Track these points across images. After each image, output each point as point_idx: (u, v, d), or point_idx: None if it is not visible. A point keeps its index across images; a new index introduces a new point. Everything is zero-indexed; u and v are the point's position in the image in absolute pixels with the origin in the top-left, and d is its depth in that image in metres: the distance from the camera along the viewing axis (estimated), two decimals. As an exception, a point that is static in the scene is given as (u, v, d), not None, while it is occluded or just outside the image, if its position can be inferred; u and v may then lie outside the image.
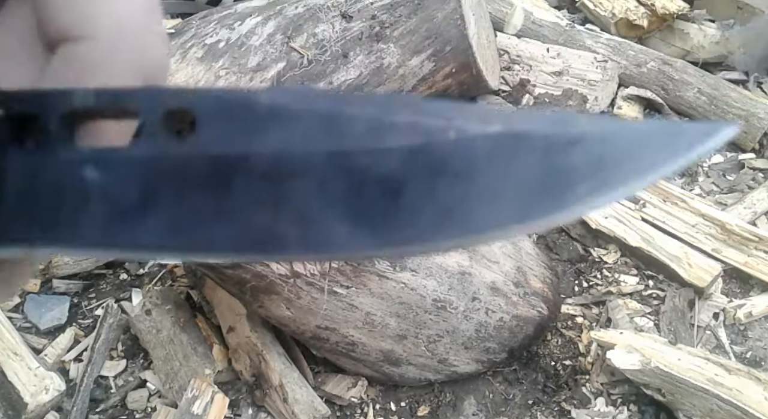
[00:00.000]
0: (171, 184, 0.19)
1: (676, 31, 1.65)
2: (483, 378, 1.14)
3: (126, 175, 0.19)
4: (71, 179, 0.19)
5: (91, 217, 0.19)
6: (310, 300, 0.91)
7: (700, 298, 1.21)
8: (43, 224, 0.19)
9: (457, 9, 1.33)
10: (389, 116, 0.18)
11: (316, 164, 0.18)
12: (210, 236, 0.18)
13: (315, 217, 0.18)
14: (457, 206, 0.17)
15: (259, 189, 0.18)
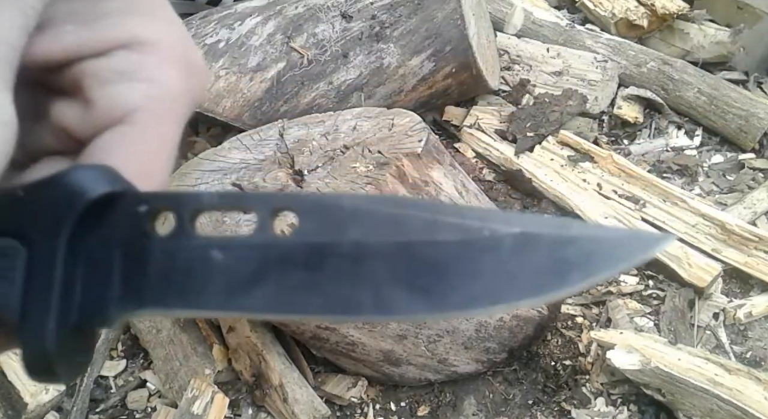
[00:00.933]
0: (278, 263, 0.25)
1: (676, 31, 1.65)
2: (483, 378, 1.14)
3: (244, 256, 0.25)
4: (201, 258, 0.25)
5: (215, 287, 0.24)
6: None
7: (700, 298, 1.21)
8: (179, 292, 0.25)
9: (457, 9, 1.33)
10: (440, 217, 0.25)
11: (385, 251, 0.24)
12: (306, 303, 0.24)
13: (384, 289, 0.24)
14: (489, 284, 0.24)
15: (344, 269, 0.24)
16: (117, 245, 0.25)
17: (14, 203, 0.25)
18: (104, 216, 0.25)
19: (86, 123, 0.30)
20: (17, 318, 0.24)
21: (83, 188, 0.24)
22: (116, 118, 0.29)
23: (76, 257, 0.24)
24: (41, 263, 0.24)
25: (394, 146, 0.90)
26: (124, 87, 0.29)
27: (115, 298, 0.25)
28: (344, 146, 0.94)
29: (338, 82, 1.29)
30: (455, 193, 0.96)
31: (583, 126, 1.49)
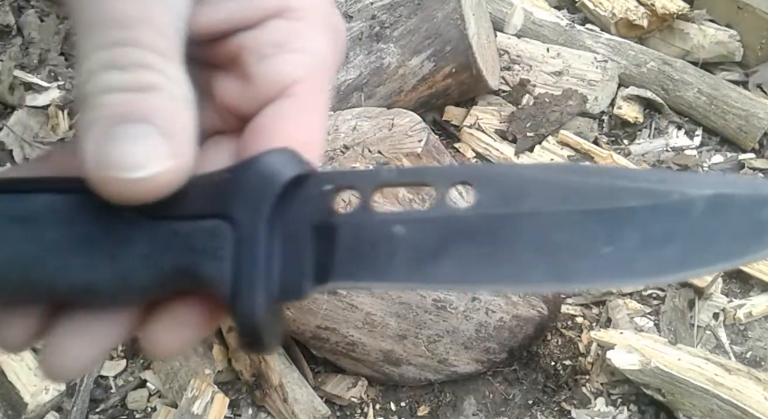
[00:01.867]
0: (459, 235, 0.25)
1: (676, 31, 1.65)
2: (483, 378, 1.14)
3: (425, 230, 0.26)
4: (384, 233, 0.26)
5: (400, 260, 0.26)
6: (310, 300, 0.91)
7: (700, 298, 1.21)
8: (366, 266, 0.26)
9: (457, 9, 1.33)
10: (622, 183, 0.24)
11: (567, 219, 0.25)
12: (487, 273, 0.25)
13: (567, 258, 0.24)
14: (682, 249, 0.24)
15: (524, 239, 0.25)
16: (307, 223, 0.27)
17: (216, 187, 0.26)
18: (293, 196, 0.26)
19: (247, 99, 0.30)
20: (229, 293, 0.26)
21: (277, 171, 0.26)
22: (277, 91, 0.29)
23: (273, 234, 0.26)
24: (247, 242, 0.25)
25: (394, 146, 0.90)
26: (282, 60, 0.29)
27: (309, 272, 0.26)
28: (344, 146, 0.94)
29: (338, 82, 1.29)
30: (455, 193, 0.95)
31: (583, 126, 1.49)
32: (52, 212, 0.26)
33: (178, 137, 0.26)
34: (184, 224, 0.26)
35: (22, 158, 1.51)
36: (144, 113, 0.26)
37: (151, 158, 0.25)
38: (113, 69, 0.26)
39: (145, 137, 0.25)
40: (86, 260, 0.26)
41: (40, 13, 1.81)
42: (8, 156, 1.52)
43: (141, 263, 0.26)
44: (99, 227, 0.26)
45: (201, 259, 0.26)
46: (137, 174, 0.25)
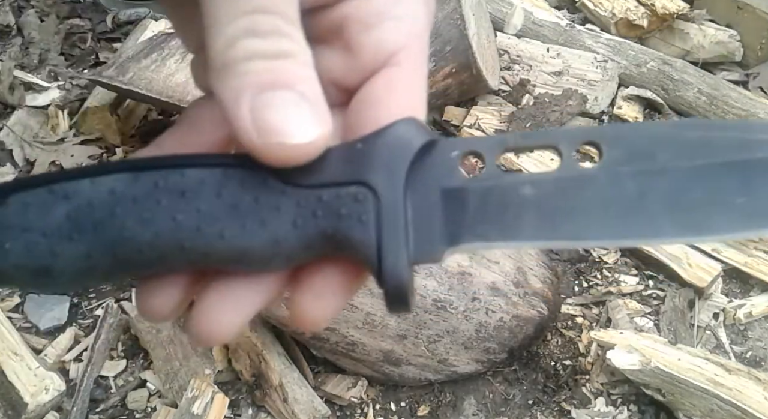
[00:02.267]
0: (587, 194, 0.26)
1: (676, 31, 1.65)
2: (483, 378, 1.14)
3: (553, 190, 0.27)
4: (513, 194, 0.27)
5: (529, 220, 0.27)
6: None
7: (700, 298, 1.21)
8: (496, 226, 0.28)
9: (457, 9, 1.33)
10: (753, 136, 0.25)
11: (699, 174, 0.25)
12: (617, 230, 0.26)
13: (700, 211, 0.25)
14: None
15: (655, 194, 0.26)
16: (437, 187, 0.28)
17: (354, 155, 0.28)
18: (424, 162, 0.28)
19: (352, 71, 0.31)
20: (375, 255, 0.27)
21: (409, 139, 0.28)
22: (382, 61, 0.30)
23: (408, 199, 0.27)
24: (387, 206, 0.27)
25: (394, 146, 0.90)
26: (386, 28, 0.30)
27: (442, 235, 0.28)
28: (344, 146, 0.94)
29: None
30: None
31: (584, 126, 1.49)
32: (204, 185, 0.28)
33: (319, 103, 0.28)
34: (328, 191, 0.28)
35: (22, 158, 1.51)
36: (287, 80, 0.27)
37: (307, 126, 0.27)
38: (254, 36, 0.27)
39: (295, 104, 0.27)
40: (239, 228, 0.28)
41: (40, 13, 1.81)
42: (8, 156, 1.52)
43: (290, 228, 0.28)
44: (248, 198, 0.28)
45: (347, 223, 0.27)
46: (296, 140, 0.27)
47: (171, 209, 0.28)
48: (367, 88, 0.31)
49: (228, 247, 0.28)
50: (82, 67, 1.71)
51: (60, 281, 0.28)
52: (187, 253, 0.28)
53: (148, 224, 0.27)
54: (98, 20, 1.82)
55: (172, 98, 1.27)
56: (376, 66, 0.30)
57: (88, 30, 1.80)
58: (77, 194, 0.28)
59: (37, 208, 0.27)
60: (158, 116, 1.57)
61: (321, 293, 0.30)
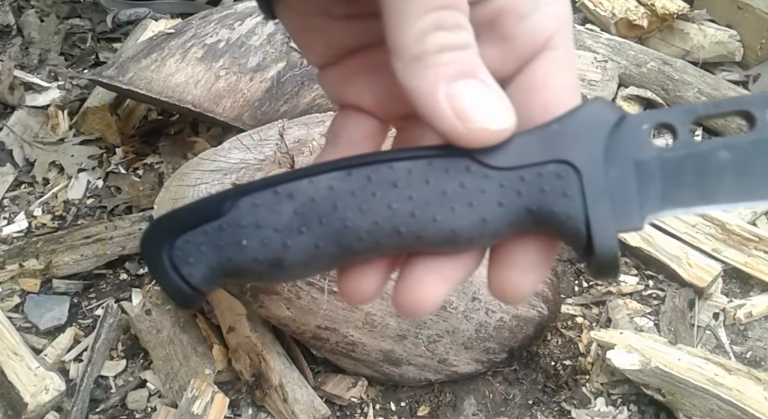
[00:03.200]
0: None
1: (676, 31, 1.65)
2: (483, 378, 1.14)
3: (751, 153, 0.28)
4: (710, 160, 0.29)
5: (728, 183, 0.29)
6: (310, 300, 0.91)
7: (700, 298, 1.21)
8: (694, 191, 0.29)
9: (457, 9, 1.33)
10: None
11: None
12: None
13: None
14: None
15: None
16: (632, 159, 0.30)
17: (551, 135, 0.30)
18: (619, 137, 0.30)
19: (507, 61, 0.33)
20: (582, 228, 0.29)
21: (603, 116, 0.30)
22: (538, 47, 0.32)
23: (606, 172, 0.29)
24: (589, 180, 0.29)
25: (394, 146, 0.90)
26: (540, 15, 0.31)
27: (641, 203, 0.30)
28: (344, 146, 0.94)
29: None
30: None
31: None
32: (413, 175, 0.30)
33: (499, 89, 0.30)
34: (529, 171, 0.30)
35: (22, 158, 1.51)
36: (473, 69, 0.30)
37: (501, 111, 0.29)
38: (442, 30, 0.29)
39: (483, 91, 0.29)
40: (449, 211, 0.30)
41: (40, 13, 1.81)
42: (8, 156, 1.52)
43: (496, 208, 0.30)
44: (455, 183, 0.30)
45: (551, 199, 0.30)
46: (496, 126, 0.29)
47: (386, 199, 0.30)
48: (526, 75, 0.32)
49: (440, 229, 0.30)
50: (82, 67, 1.71)
51: (291, 271, 0.32)
52: (403, 238, 0.31)
53: (366, 213, 0.30)
54: (98, 20, 1.82)
55: (172, 98, 1.27)
56: (532, 53, 0.32)
57: (88, 30, 1.80)
58: (300, 193, 0.31)
59: (267, 208, 0.31)
60: (158, 116, 1.57)
61: (525, 267, 0.32)
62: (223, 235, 0.31)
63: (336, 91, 0.37)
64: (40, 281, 1.30)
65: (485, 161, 0.30)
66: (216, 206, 0.32)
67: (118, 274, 1.32)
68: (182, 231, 0.32)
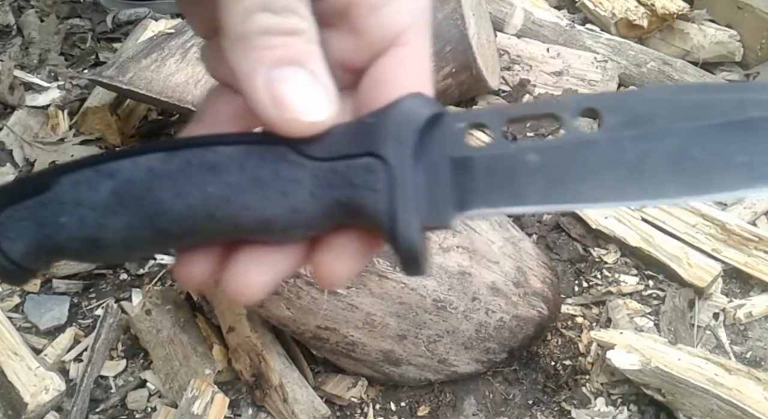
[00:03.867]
0: (590, 159, 0.27)
1: (676, 31, 1.65)
2: (483, 378, 1.14)
3: (558, 156, 0.28)
4: (519, 161, 0.28)
5: (535, 186, 0.28)
6: (310, 300, 0.91)
7: (700, 298, 1.21)
8: (503, 192, 0.29)
9: (457, 9, 1.33)
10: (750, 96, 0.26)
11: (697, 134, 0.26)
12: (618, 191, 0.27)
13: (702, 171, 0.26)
14: None
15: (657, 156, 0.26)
16: (445, 157, 0.30)
17: (364, 129, 0.30)
18: (432, 134, 0.29)
19: (360, 53, 0.32)
20: (387, 220, 0.29)
21: (416, 112, 0.29)
22: (389, 41, 0.32)
23: (417, 168, 0.29)
24: (398, 175, 0.29)
25: (394, 146, 0.90)
26: (391, 9, 0.31)
27: (451, 201, 0.29)
28: (344, 146, 0.94)
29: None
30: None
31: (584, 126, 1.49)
32: (232, 160, 0.30)
33: (326, 80, 0.30)
34: (342, 163, 0.30)
35: (22, 158, 1.51)
36: (299, 57, 0.29)
37: (322, 103, 0.29)
38: (268, 11, 0.28)
39: (306, 81, 0.29)
40: (262, 198, 0.30)
41: (40, 13, 1.81)
42: (8, 156, 1.52)
43: (308, 198, 0.30)
44: (270, 171, 0.30)
45: (360, 192, 0.29)
46: (311, 118, 0.29)
47: (202, 183, 0.30)
48: (376, 68, 0.32)
49: (253, 216, 0.30)
50: (82, 67, 1.71)
51: (110, 251, 0.32)
52: (218, 223, 0.31)
53: (181, 197, 0.30)
54: (98, 20, 1.82)
55: (172, 98, 1.27)
56: (383, 46, 0.32)
57: (88, 30, 1.80)
58: (120, 173, 0.31)
59: (86, 186, 0.31)
60: (158, 115, 1.57)
61: (340, 254, 0.32)
62: (44, 211, 0.31)
63: (210, 65, 0.37)
64: (40, 281, 1.30)
65: (303, 150, 0.30)
66: (41, 182, 0.31)
67: (118, 274, 1.32)
68: (5, 206, 0.31)
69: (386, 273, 0.90)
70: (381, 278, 0.90)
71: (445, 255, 0.94)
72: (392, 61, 0.32)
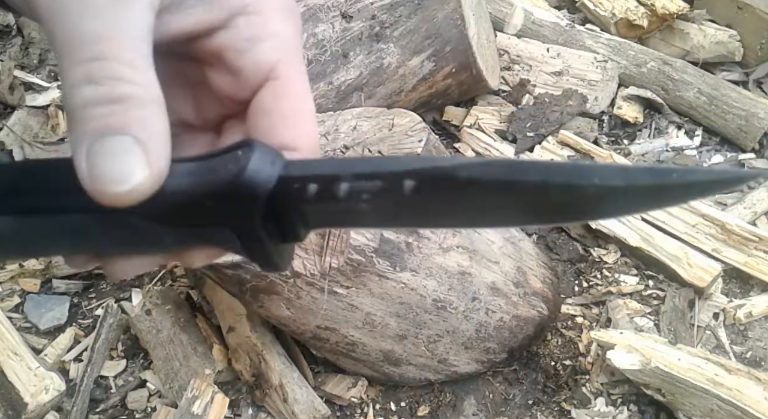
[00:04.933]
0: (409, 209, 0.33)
1: (676, 31, 1.65)
2: (483, 378, 1.14)
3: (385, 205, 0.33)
4: (351, 209, 0.33)
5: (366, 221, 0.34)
6: (310, 300, 0.91)
7: (700, 298, 1.21)
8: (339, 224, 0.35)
9: (457, 9, 1.33)
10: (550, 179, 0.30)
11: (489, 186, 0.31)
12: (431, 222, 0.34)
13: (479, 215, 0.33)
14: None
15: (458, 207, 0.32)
16: (290, 209, 0.33)
17: (217, 200, 0.32)
18: (276, 195, 0.32)
19: (240, 88, 0.35)
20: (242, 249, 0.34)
21: (260, 189, 0.32)
22: (263, 77, 0.35)
23: (265, 229, 0.33)
24: (248, 238, 0.33)
25: (394, 146, 0.90)
26: (258, 50, 0.34)
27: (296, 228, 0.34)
28: (344, 146, 0.94)
29: (338, 82, 1.29)
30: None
31: (583, 126, 1.49)
32: (89, 229, 0.33)
33: (152, 143, 0.30)
34: (197, 229, 0.33)
35: (22, 157, 1.51)
36: (121, 124, 0.29)
37: (134, 171, 0.30)
38: (90, 83, 0.29)
39: (125, 150, 0.29)
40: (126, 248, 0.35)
41: (40, 13, 1.81)
42: (8, 156, 1.52)
43: (168, 247, 0.34)
44: (130, 235, 0.33)
45: (219, 243, 0.34)
46: (123, 188, 0.30)
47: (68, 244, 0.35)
48: (256, 100, 0.35)
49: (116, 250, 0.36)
50: (82, 67, 1.71)
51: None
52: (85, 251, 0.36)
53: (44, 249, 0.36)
54: (98, 20, 1.81)
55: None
56: (259, 82, 0.35)
57: (88, 30, 1.79)
58: None
59: None
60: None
61: (196, 258, 0.36)
62: None
63: None
64: (40, 281, 1.30)
65: (155, 217, 0.32)
66: None
67: (118, 274, 1.32)
68: None
69: (386, 273, 0.90)
70: (381, 278, 0.90)
71: (445, 255, 0.94)
72: (269, 93, 0.35)
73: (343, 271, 0.87)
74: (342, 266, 0.86)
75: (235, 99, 0.36)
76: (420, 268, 0.92)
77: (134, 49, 0.30)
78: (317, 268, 0.86)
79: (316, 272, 0.86)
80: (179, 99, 0.38)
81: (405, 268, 0.91)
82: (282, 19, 0.35)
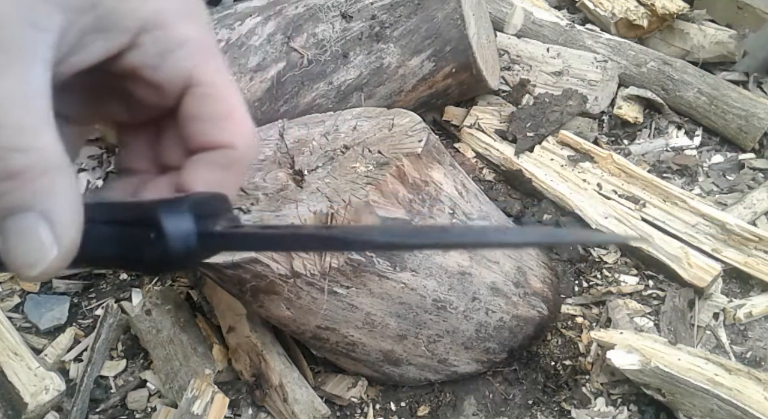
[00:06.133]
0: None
1: (676, 31, 1.65)
2: (483, 378, 1.14)
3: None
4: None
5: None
6: (310, 300, 0.90)
7: (700, 298, 1.21)
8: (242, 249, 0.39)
9: (457, 9, 1.33)
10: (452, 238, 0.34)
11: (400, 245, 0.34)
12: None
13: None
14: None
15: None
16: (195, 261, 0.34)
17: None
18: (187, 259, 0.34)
19: (165, 99, 0.36)
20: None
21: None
22: (183, 85, 0.35)
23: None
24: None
25: (394, 146, 0.90)
26: (170, 63, 0.35)
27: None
28: (344, 146, 0.94)
29: (338, 82, 1.29)
30: (455, 193, 0.95)
31: (583, 126, 1.49)
32: None
33: (57, 212, 0.30)
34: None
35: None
36: (23, 200, 0.29)
37: (43, 251, 0.30)
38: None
39: (31, 228, 0.29)
40: None
41: (40, 13, 1.81)
42: None
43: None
44: None
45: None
46: (36, 271, 0.30)
47: None
48: (182, 110, 0.36)
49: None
50: (82, 67, 1.71)
51: None
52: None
53: None
54: (98, 20, 1.81)
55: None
56: (179, 92, 0.35)
57: (88, 30, 1.80)
58: None
59: None
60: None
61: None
62: None
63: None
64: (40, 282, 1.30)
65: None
66: None
67: (118, 274, 1.32)
68: None
69: (386, 273, 0.90)
70: (381, 278, 0.90)
71: (445, 255, 0.94)
72: (194, 100, 0.35)
73: (343, 271, 0.87)
74: (342, 266, 0.86)
75: (165, 108, 0.36)
76: (420, 268, 0.92)
77: (31, 112, 0.29)
78: (317, 268, 0.86)
79: (316, 272, 0.86)
80: (111, 104, 0.38)
81: (405, 268, 0.91)
82: (185, 23, 0.35)
